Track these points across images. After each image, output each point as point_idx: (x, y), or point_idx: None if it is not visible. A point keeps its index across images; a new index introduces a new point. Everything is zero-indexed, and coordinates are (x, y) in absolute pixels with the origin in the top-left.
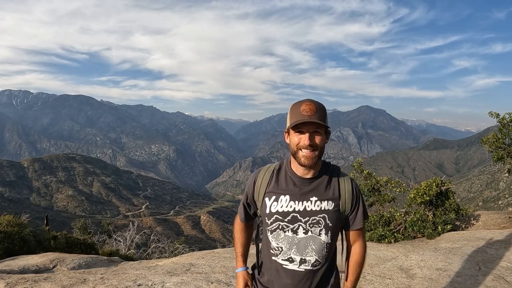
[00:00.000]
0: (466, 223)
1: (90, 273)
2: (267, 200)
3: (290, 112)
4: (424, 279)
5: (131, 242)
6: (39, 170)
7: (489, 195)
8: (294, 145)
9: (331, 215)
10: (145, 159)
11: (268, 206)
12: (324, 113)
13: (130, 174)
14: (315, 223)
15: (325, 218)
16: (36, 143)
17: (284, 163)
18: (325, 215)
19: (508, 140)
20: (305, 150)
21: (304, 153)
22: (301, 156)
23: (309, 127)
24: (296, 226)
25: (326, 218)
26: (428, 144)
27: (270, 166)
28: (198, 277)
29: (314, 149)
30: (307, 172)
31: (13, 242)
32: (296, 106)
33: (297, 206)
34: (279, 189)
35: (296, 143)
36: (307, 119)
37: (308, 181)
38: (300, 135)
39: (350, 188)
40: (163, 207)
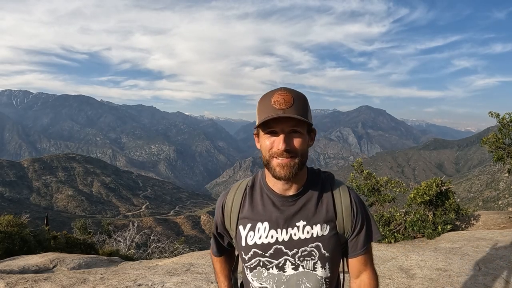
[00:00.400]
0: (466, 223)
1: (90, 273)
2: (241, 229)
3: (258, 106)
4: (424, 279)
5: (131, 242)
6: (39, 170)
7: (489, 195)
8: (266, 151)
9: (328, 242)
10: (145, 159)
11: (243, 237)
12: (305, 104)
13: (130, 174)
14: (306, 256)
15: (319, 247)
16: (36, 143)
17: (259, 176)
18: (318, 244)
19: (508, 140)
20: (281, 157)
21: (280, 161)
22: (276, 166)
23: (284, 126)
24: (282, 261)
25: (320, 247)
26: (428, 144)
27: (241, 183)
28: (198, 277)
29: (292, 155)
30: (288, 187)
31: (13, 242)
32: (265, 98)
33: (280, 236)
34: (254, 214)
35: (267, 148)
36: (280, 114)
37: (291, 200)
38: (272, 137)
39: (348, 202)
40: (163, 207)
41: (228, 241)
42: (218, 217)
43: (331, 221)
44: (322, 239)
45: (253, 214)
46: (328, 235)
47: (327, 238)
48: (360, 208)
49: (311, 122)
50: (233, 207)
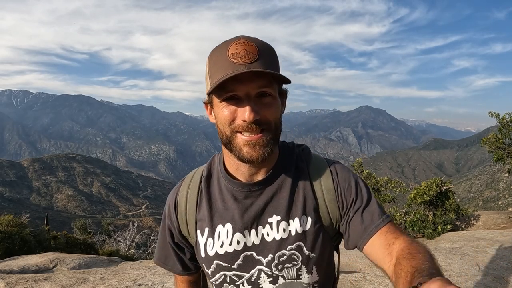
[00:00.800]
0: (466, 223)
1: (90, 273)
2: (199, 235)
3: (209, 63)
4: None
5: (131, 242)
6: (39, 170)
7: (489, 195)
8: (225, 124)
9: (312, 239)
10: (145, 159)
11: (202, 246)
12: (275, 57)
13: (130, 174)
14: (286, 262)
15: (301, 248)
16: (36, 143)
17: (216, 162)
18: (300, 244)
19: (508, 140)
20: (248, 132)
21: (247, 138)
22: (243, 145)
23: (250, 87)
24: (255, 274)
25: (302, 247)
26: (428, 144)
27: (195, 173)
28: None
29: (264, 128)
30: (254, 171)
31: (13, 242)
32: (219, 51)
33: (249, 239)
34: (212, 214)
35: (227, 120)
36: (242, 69)
37: (257, 188)
38: (232, 106)
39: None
40: (163, 207)
41: (191, 254)
42: (172, 221)
43: (313, 211)
44: (303, 237)
45: (210, 214)
46: (311, 230)
47: (310, 234)
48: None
49: (286, 78)
50: (188, 206)
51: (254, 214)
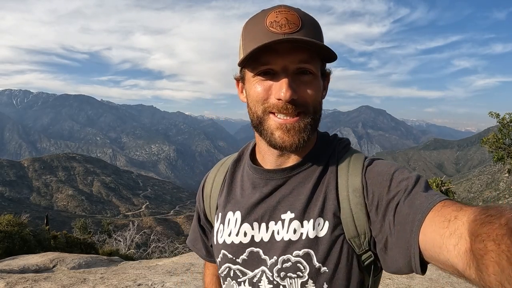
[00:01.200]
0: None
1: (90, 273)
2: (215, 221)
3: (243, 34)
4: (424, 279)
5: (131, 241)
6: (39, 170)
7: (489, 195)
8: (258, 103)
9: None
10: (145, 159)
11: (215, 232)
12: (319, 29)
13: (130, 174)
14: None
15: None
16: (36, 142)
17: (250, 146)
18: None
19: (508, 140)
20: (283, 114)
21: (281, 121)
22: (275, 128)
23: (288, 61)
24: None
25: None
26: (428, 144)
27: (228, 158)
28: (198, 276)
29: (301, 111)
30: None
31: (13, 241)
32: (256, 20)
33: (258, 233)
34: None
35: (261, 98)
36: (281, 37)
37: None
38: (268, 81)
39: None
40: (163, 207)
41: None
42: (199, 203)
43: (332, 214)
44: (315, 244)
45: (226, 200)
46: (326, 237)
47: (324, 242)
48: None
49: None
50: (213, 190)
51: (268, 206)
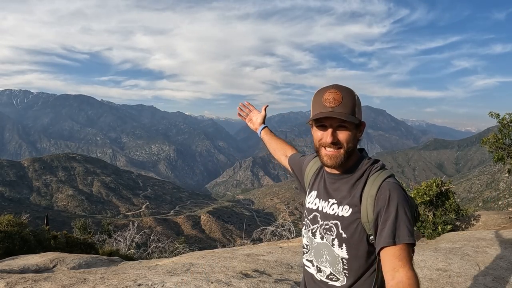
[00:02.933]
0: (466, 223)
1: (90, 273)
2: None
3: (312, 100)
4: (424, 279)
5: (131, 242)
6: (39, 170)
7: (489, 195)
8: (316, 141)
9: (347, 224)
10: (145, 159)
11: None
12: (353, 102)
13: (130, 174)
14: (327, 230)
15: (338, 226)
16: (36, 142)
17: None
18: (337, 222)
19: (508, 140)
20: (328, 148)
21: (327, 152)
22: (324, 155)
23: (333, 121)
24: (315, 228)
25: (338, 226)
26: (428, 144)
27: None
28: (198, 277)
29: (339, 147)
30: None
31: (13, 241)
32: (319, 94)
33: (320, 205)
34: (315, 183)
35: (318, 139)
36: (328, 113)
37: (334, 179)
38: (322, 131)
39: (374, 191)
40: (163, 207)
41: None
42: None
43: (354, 205)
44: (341, 219)
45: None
46: (348, 217)
47: (347, 219)
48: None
49: (357, 119)
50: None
51: (327, 192)
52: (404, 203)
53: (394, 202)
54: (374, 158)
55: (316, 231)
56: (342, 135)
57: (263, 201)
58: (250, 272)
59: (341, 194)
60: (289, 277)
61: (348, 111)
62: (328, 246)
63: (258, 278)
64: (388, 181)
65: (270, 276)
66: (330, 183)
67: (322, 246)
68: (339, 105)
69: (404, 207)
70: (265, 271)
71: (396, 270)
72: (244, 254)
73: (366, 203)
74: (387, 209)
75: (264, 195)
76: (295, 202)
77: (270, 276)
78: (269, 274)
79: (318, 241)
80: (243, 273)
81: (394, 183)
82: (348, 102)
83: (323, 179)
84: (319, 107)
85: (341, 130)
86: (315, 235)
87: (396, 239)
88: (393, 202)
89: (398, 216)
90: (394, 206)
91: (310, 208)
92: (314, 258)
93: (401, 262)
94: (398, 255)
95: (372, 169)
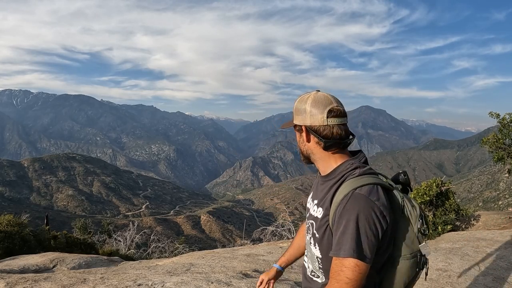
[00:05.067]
0: (466, 223)
1: (90, 273)
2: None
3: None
4: (424, 279)
5: (131, 242)
6: (39, 170)
7: (489, 195)
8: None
9: (319, 226)
10: (145, 159)
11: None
12: (296, 109)
13: (130, 174)
14: (308, 228)
15: (313, 226)
16: (36, 142)
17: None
18: (313, 222)
19: (508, 140)
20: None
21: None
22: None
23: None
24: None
25: (314, 226)
26: (428, 144)
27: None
28: (198, 277)
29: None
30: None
31: (13, 241)
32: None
33: (310, 205)
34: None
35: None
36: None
37: (321, 180)
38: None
39: (339, 199)
40: (163, 207)
41: None
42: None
43: (326, 208)
44: (315, 220)
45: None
46: (320, 219)
47: (318, 220)
48: (344, 213)
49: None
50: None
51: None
52: (360, 218)
53: (347, 214)
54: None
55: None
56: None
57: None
58: (250, 272)
59: (321, 195)
60: (289, 277)
61: (291, 118)
62: (308, 244)
63: (258, 278)
64: (356, 191)
65: None
66: (319, 184)
67: (307, 243)
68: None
69: (356, 221)
70: (265, 271)
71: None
72: (244, 254)
73: (333, 207)
74: (339, 220)
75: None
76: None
77: None
78: None
79: (308, 238)
80: (243, 273)
81: (359, 195)
82: (293, 110)
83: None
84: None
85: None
86: (307, 233)
87: (338, 251)
88: (346, 214)
89: (346, 229)
90: (346, 219)
91: (307, 207)
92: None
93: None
94: (335, 266)
95: (350, 174)
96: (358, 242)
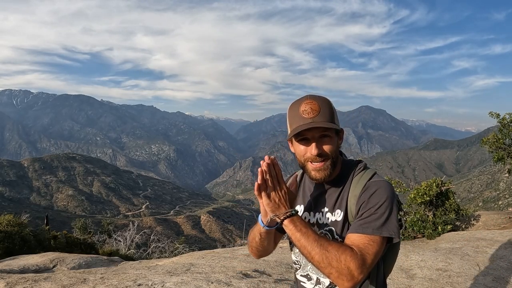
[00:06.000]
0: (466, 223)
1: (90, 273)
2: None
3: (288, 114)
4: (424, 279)
5: (131, 242)
6: (39, 170)
7: (489, 195)
8: (301, 156)
9: (340, 228)
10: (145, 159)
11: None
12: (331, 110)
13: (130, 174)
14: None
15: (332, 232)
16: (36, 142)
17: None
18: (332, 229)
19: (508, 140)
20: (315, 162)
21: (314, 166)
22: (311, 170)
23: (315, 133)
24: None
25: (333, 232)
26: (428, 144)
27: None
28: (198, 277)
29: (325, 159)
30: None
31: (13, 241)
32: (294, 107)
33: (311, 218)
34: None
35: (302, 154)
36: (308, 124)
37: (323, 188)
38: (304, 145)
39: (358, 190)
40: (163, 207)
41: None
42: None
43: (344, 208)
44: (335, 224)
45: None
46: (341, 221)
47: (339, 223)
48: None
49: (337, 126)
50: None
51: (317, 203)
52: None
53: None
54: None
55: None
56: (326, 146)
57: None
58: (250, 272)
59: (331, 200)
60: (289, 277)
61: (328, 119)
62: None
63: (258, 278)
64: (373, 180)
65: (270, 276)
66: (321, 194)
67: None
68: (318, 115)
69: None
70: (265, 271)
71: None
72: (244, 254)
73: (350, 203)
74: (368, 201)
75: None
76: None
77: (270, 276)
78: (269, 274)
79: None
80: (243, 273)
81: (378, 181)
82: (326, 110)
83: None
84: (298, 121)
85: (324, 140)
86: None
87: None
88: (377, 197)
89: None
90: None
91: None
92: (313, 271)
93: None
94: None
95: (355, 170)
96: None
